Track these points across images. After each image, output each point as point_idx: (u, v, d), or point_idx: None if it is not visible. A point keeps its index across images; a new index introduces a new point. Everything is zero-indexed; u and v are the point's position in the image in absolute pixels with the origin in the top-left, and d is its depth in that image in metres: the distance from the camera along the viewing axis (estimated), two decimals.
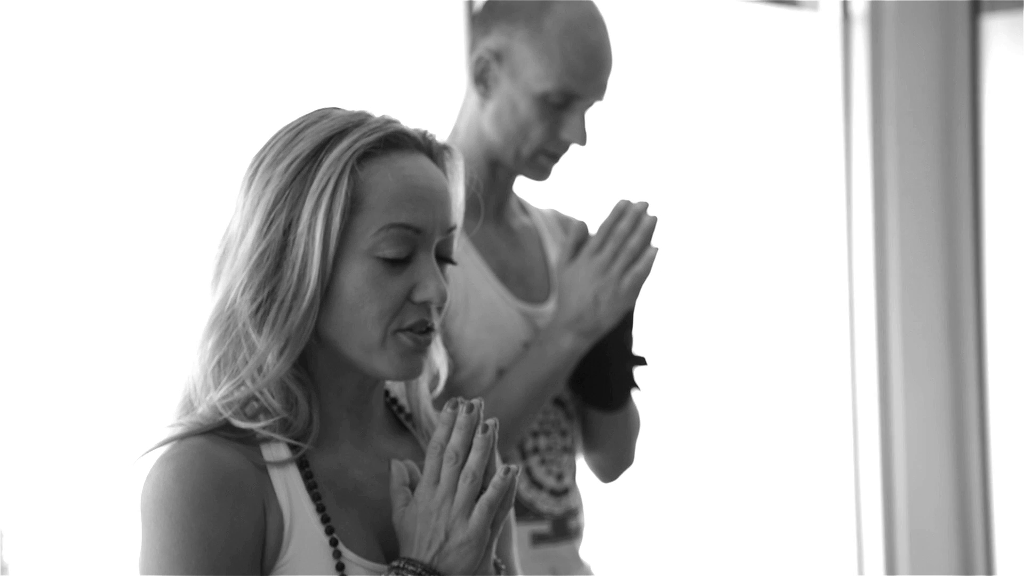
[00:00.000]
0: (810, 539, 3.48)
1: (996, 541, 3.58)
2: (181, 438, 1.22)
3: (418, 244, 1.25)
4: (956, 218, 3.58)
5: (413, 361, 1.25)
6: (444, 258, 1.28)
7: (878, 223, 3.48)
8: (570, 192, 2.41)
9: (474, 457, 1.22)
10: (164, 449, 1.22)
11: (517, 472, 1.22)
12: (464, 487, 1.22)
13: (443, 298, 1.25)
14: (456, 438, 1.23)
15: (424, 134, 1.29)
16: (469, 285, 1.82)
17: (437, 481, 1.23)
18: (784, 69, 3.43)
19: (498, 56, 1.83)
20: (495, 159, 1.87)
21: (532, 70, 1.81)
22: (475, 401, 1.24)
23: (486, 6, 1.88)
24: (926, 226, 3.54)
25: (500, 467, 1.23)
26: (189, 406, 1.25)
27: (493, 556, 1.25)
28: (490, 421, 1.23)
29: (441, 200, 1.26)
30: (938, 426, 3.57)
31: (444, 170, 1.29)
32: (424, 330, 1.25)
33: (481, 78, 1.85)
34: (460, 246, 1.80)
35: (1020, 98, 3.52)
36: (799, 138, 3.46)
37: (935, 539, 3.54)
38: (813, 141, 3.49)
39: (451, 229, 1.28)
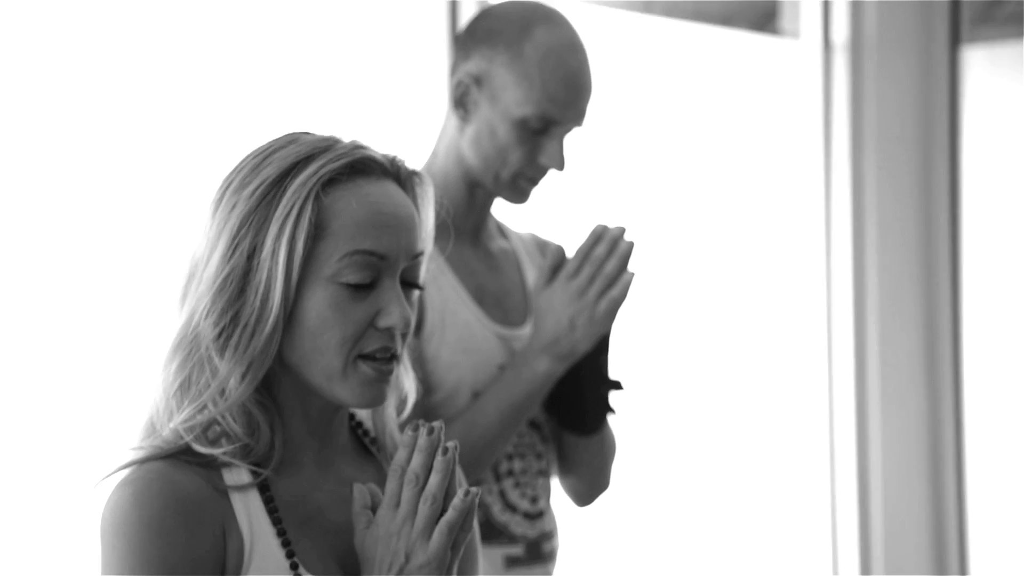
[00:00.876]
0: (786, 542, 3.49)
1: (969, 542, 3.59)
2: (141, 462, 1.22)
3: (382, 270, 1.24)
4: (934, 244, 3.61)
5: (375, 390, 1.25)
6: (410, 283, 1.28)
7: (857, 249, 3.50)
8: (549, 216, 2.42)
9: (434, 480, 1.22)
10: (125, 473, 1.22)
11: (477, 494, 1.23)
12: (424, 510, 1.22)
13: (407, 324, 1.25)
14: (416, 461, 1.23)
15: (392, 160, 1.28)
16: (446, 307, 1.83)
17: (398, 504, 1.23)
18: (765, 97, 3.45)
19: (478, 80, 1.84)
20: (474, 182, 1.88)
21: (512, 95, 1.82)
22: (436, 424, 1.24)
23: (467, 30, 1.89)
24: (905, 252, 3.57)
25: (460, 489, 1.23)
26: (152, 429, 1.25)
27: None
28: (450, 444, 1.23)
29: (407, 226, 1.26)
30: (913, 428, 3.58)
31: (413, 196, 1.29)
32: (387, 357, 1.25)
33: (461, 102, 1.86)
34: (437, 268, 1.81)
35: (998, 127, 3.56)
36: (779, 165, 3.48)
37: (910, 540, 3.56)
38: (793, 168, 3.51)
39: (417, 255, 1.27)
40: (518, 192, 1.89)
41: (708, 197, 3.32)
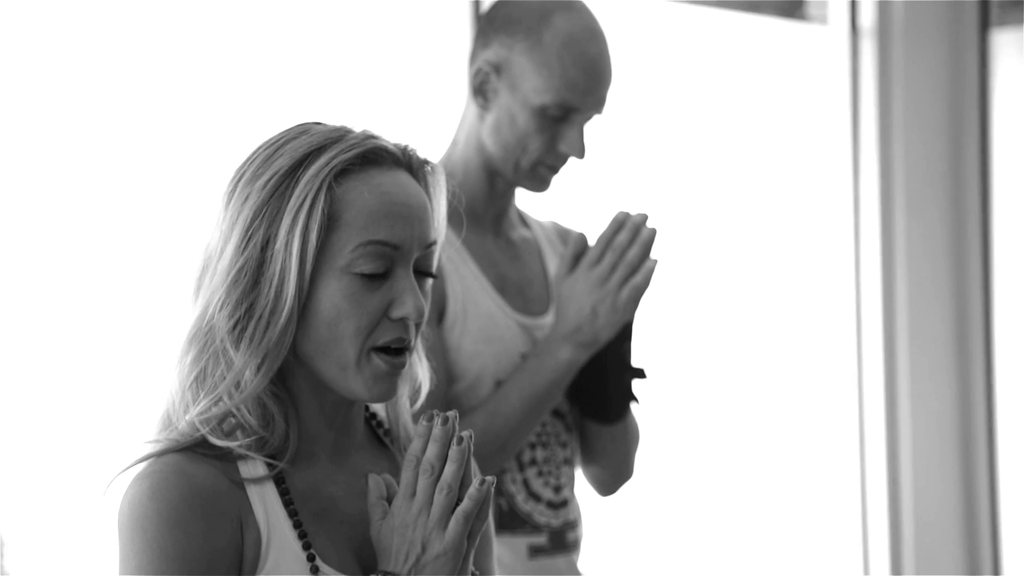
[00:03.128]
0: (816, 541, 3.48)
1: (1003, 541, 3.56)
2: (158, 455, 1.22)
3: (396, 260, 1.24)
4: (964, 231, 3.57)
5: (386, 384, 1.25)
6: (424, 273, 1.28)
7: (885, 237, 3.47)
8: (570, 204, 2.41)
9: (449, 469, 1.22)
10: (141, 466, 1.22)
11: (492, 484, 1.22)
12: (440, 499, 1.22)
13: (420, 314, 1.25)
14: (431, 450, 1.23)
15: (404, 149, 1.28)
16: (467, 296, 1.83)
17: (413, 494, 1.23)
18: (792, 83, 3.44)
19: (497, 68, 1.84)
20: (494, 170, 1.87)
21: (531, 83, 1.82)
22: (450, 413, 1.24)
23: (486, 18, 1.89)
24: (934, 240, 3.54)
25: (475, 478, 1.23)
26: (168, 422, 1.25)
27: (471, 567, 1.25)
28: (465, 433, 1.23)
29: (419, 216, 1.26)
30: (944, 425, 3.56)
31: (425, 185, 1.29)
32: (400, 349, 1.25)
33: (480, 90, 1.86)
34: (458, 257, 1.81)
35: None
36: (807, 151, 3.46)
37: (941, 538, 3.53)
38: (821, 154, 3.48)
39: (430, 244, 1.27)
40: (538, 180, 1.88)
41: (735, 185, 3.31)
